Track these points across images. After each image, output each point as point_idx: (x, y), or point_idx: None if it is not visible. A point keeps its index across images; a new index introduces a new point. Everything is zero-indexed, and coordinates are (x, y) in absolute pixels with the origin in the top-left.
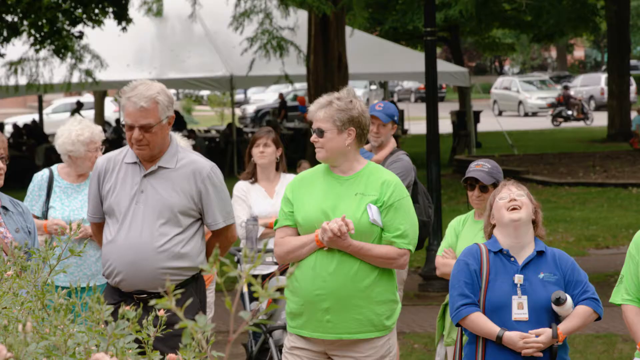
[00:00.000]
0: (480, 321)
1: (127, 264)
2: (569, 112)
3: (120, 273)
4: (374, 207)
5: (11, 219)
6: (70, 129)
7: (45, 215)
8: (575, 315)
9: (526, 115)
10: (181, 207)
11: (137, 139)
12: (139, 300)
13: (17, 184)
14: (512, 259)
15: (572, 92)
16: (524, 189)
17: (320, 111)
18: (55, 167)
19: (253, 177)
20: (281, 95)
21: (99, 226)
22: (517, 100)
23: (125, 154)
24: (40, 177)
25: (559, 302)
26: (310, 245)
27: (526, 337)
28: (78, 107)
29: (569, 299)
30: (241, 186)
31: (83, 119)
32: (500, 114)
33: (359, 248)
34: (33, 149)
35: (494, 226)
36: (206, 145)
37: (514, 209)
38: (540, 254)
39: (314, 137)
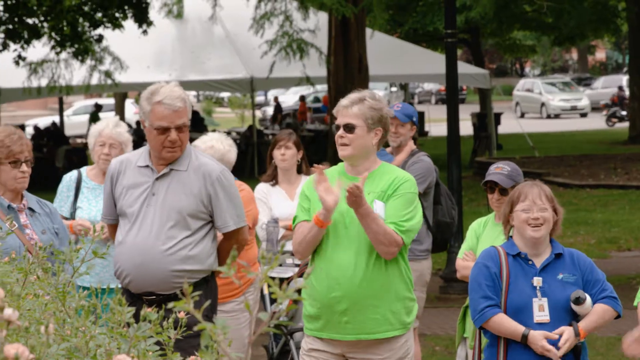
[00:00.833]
0: (505, 322)
1: (136, 266)
2: (623, 113)
3: (129, 275)
4: (379, 203)
5: (38, 220)
6: (97, 124)
7: (73, 216)
8: (594, 313)
9: (549, 117)
10: (190, 210)
11: (173, 140)
12: (147, 302)
13: (38, 186)
14: (530, 262)
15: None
16: (547, 197)
17: (354, 107)
18: (84, 169)
19: (274, 180)
20: (276, 99)
21: (114, 227)
22: (540, 102)
23: (139, 156)
24: (69, 178)
25: (579, 301)
26: (313, 229)
27: (550, 336)
28: (97, 110)
29: (588, 298)
30: (262, 188)
31: (113, 117)
32: (522, 116)
33: (369, 211)
34: (53, 151)
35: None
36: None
37: (536, 226)
38: (558, 256)
39: (341, 132)
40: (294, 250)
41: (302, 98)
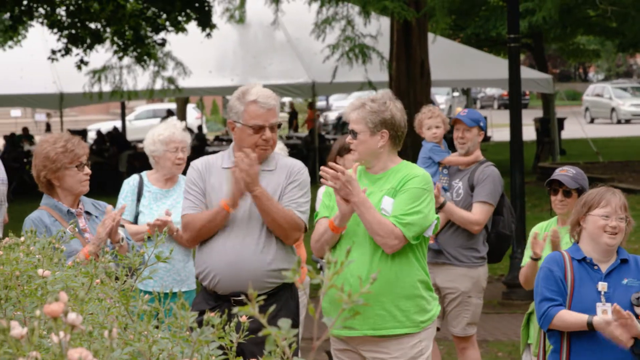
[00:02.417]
0: (568, 315)
1: (228, 265)
2: None
3: (219, 274)
4: (388, 199)
5: (95, 223)
6: (154, 131)
7: (136, 220)
8: None
9: (619, 122)
10: None
11: (268, 138)
12: (235, 302)
13: (100, 191)
14: (596, 267)
15: None
16: (625, 207)
17: (353, 113)
18: (144, 174)
19: None
20: (291, 104)
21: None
22: (610, 108)
23: (222, 159)
24: (131, 182)
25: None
26: (328, 232)
27: (613, 321)
28: (168, 116)
29: None
30: (328, 191)
31: (170, 119)
32: (592, 121)
33: (364, 201)
34: (116, 156)
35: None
36: (288, 152)
37: (613, 234)
38: (623, 261)
39: (349, 139)
40: (312, 247)
41: (310, 105)
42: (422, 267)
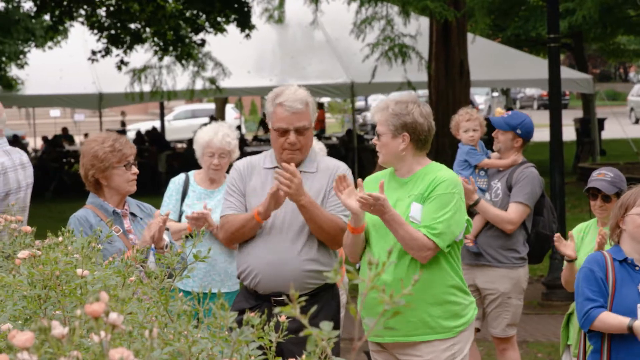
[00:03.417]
0: (609, 318)
1: (268, 265)
2: None
3: (259, 274)
4: (417, 206)
5: (139, 224)
6: (199, 132)
7: (179, 219)
8: None
9: None
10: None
11: (292, 142)
12: (276, 302)
13: (141, 191)
14: (638, 268)
15: None
16: None
17: (377, 114)
18: (191, 173)
19: None
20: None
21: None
22: None
23: (264, 159)
24: (177, 182)
25: None
26: (349, 235)
27: None
28: (211, 120)
29: None
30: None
31: (218, 123)
32: (637, 121)
33: (395, 217)
34: (155, 156)
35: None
36: (327, 152)
37: None
38: None
39: (374, 140)
40: (345, 253)
41: (321, 106)
42: (454, 271)
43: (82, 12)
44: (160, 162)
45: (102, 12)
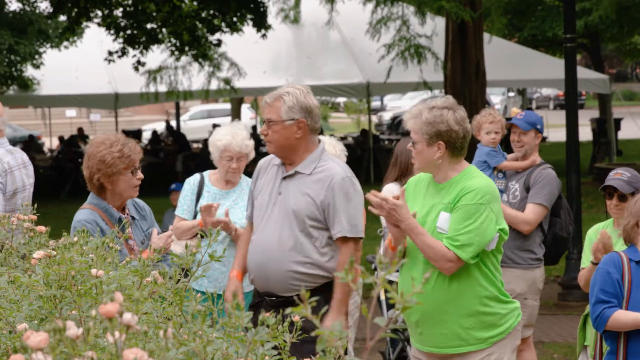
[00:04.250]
0: (623, 315)
1: (257, 264)
2: None
3: (252, 273)
4: (445, 215)
5: (137, 228)
6: (216, 133)
7: (195, 219)
8: None
9: None
10: (308, 212)
11: (262, 131)
12: (269, 302)
13: (156, 191)
14: None
15: None
16: None
17: (410, 121)
18: (206, 173)
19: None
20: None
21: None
22: None
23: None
24: (192, 182)
25: None
26: (388, 250)
27: None
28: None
29: None
30: (391, 189)
31: (234, 124)
32: None
33: (412, 227)
34: (172, 155)
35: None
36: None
37: None
38: None
39: (409, 145)
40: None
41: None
42: (489, 281)
43: (99, 12)
44: (178, 162)
45: (118, 12)
